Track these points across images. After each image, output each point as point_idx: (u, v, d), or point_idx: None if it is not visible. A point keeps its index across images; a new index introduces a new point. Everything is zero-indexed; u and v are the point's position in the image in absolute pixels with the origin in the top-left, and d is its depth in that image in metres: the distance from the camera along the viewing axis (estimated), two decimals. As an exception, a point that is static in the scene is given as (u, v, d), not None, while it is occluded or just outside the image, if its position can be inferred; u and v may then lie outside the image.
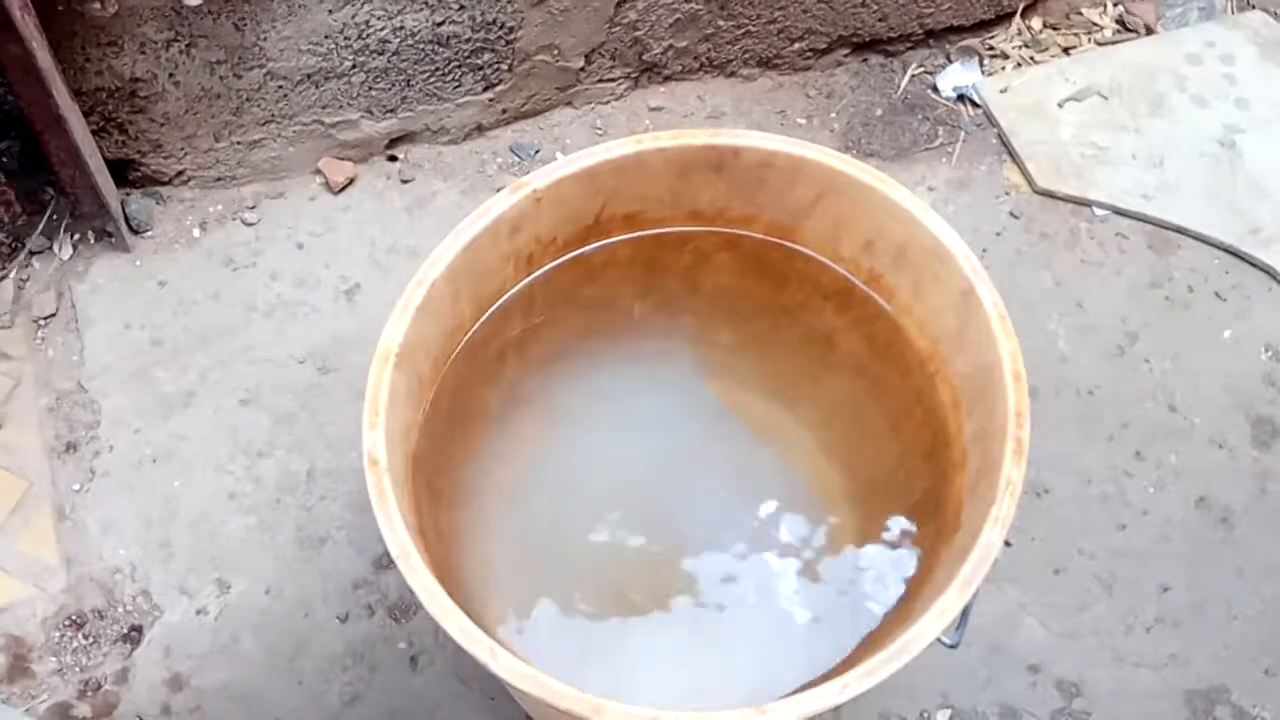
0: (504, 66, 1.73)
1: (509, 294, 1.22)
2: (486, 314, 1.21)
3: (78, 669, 1.42)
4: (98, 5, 1.45)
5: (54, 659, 1.42)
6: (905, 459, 1.19)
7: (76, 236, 1.70)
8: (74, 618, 1.45)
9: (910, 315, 1.19)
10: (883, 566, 1.12)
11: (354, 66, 1.64)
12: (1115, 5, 2.00)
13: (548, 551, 1.18)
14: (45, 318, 1.65)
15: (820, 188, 1.17)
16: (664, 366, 1.28)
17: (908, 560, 1.11)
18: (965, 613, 0.96)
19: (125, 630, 1.44)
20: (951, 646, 0.98)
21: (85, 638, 1.44)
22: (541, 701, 0.90)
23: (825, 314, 1.27)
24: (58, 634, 1.44)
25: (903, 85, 1.92)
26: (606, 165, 1.16)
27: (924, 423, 1.17)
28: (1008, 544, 1.23)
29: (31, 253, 1.68)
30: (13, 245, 1.68)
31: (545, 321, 1.25)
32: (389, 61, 1.66)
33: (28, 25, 1.37)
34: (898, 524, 1.15)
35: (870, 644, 1.05)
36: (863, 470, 1.20)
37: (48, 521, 1.50)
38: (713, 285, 1.30)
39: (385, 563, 1.48)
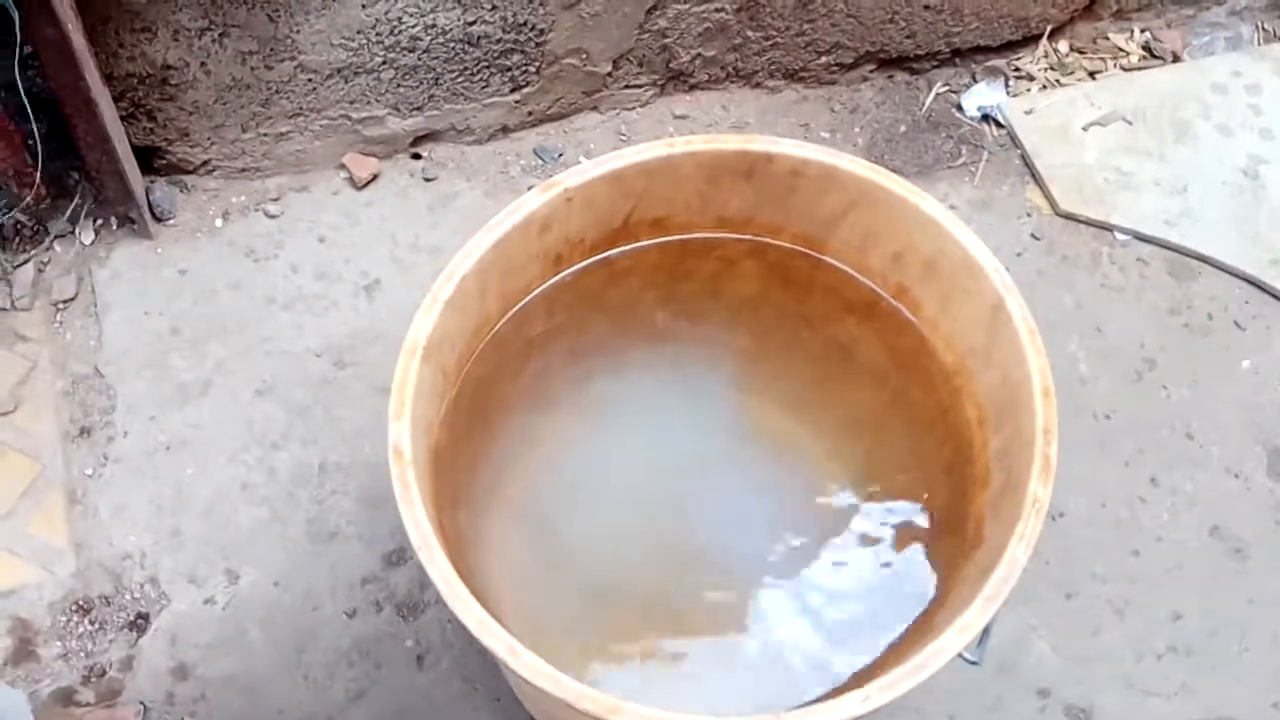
0: (532, 69, 1.74)
1: (535, 293, 1.22)
2: (512, 311, 1.20)
3: (83, 654, 1.41)
4: (133, -9, 1.46)
5: (59, 643, 1.42)
6: (926, 473, 1.18)
7: (99, 222, 1.70)
8: (81, 603, 1.44)
9: (937, 329, 1.19)
10: (902, 580, 1.12)
11: (384, 63, 1.65)
12: (1142, 32, 2.01)
13: (563, 553, 1.17)
14: (64, 301, 1.64)
15: (851, 198, 1.17)
16: (686, 372, 1.28)
17: (928, 575, 1.11)
18: (987, 630, 0.95)
19: (132, 617, 1.44)
20: (973, 663, 0.98)
21: (91, 623, 1.43)
22: (559, 701, 0.89)
23: (849, 325, 1.26)
24: (64, 619, 1.43)
25: (927, 103, 1.92)
26: (637, 167, 1.16)
27: (946, 438, 1.17)
28: (1021, 565, 1.24)
29: (54, 236, 1.68)
30: (35, 228, 1.68)
31: (569, 322, 1.25)
32: (419, 59, 1.66)
33: (64, 8, 1.38)
34: (917, 539, 1.14)
35: (890, 658, 1.04)
36: (882, 483, 1.20)
37: (59, 506, 1.50)
38: (737, 293, 1.30)
39: (395, 559, 1.48)
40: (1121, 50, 1.98)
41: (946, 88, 1.94)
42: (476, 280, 1.10)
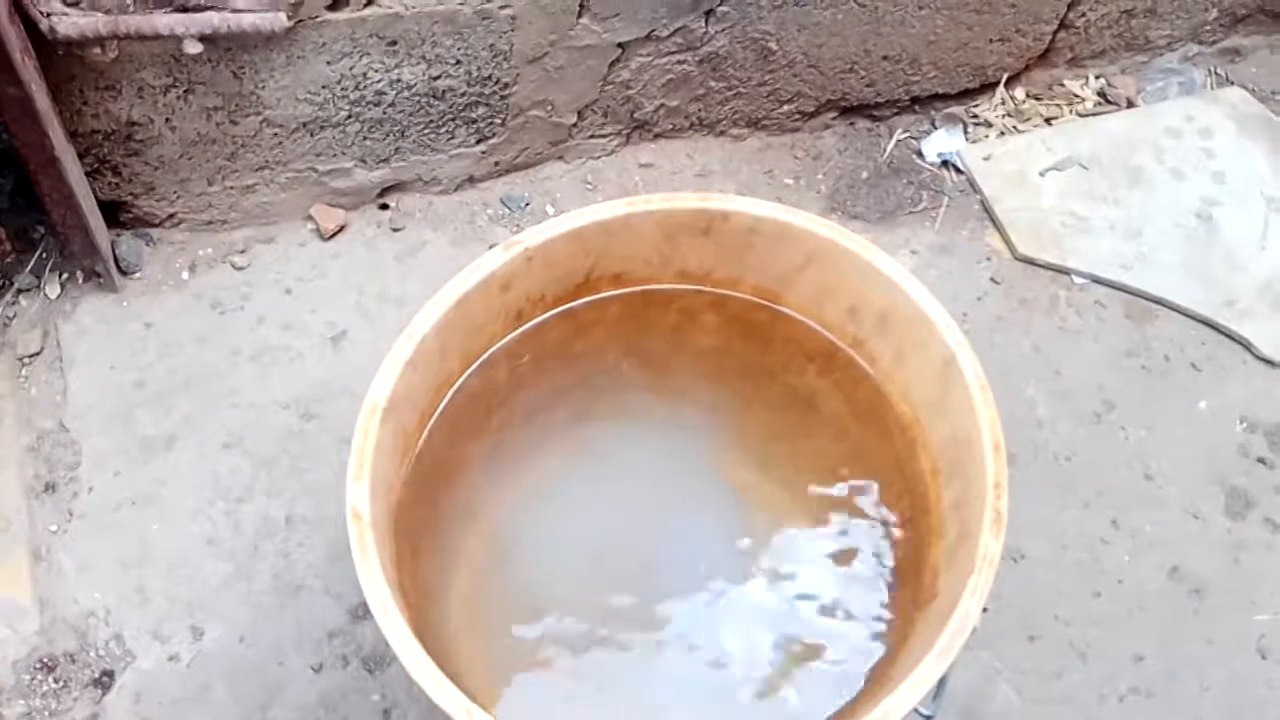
0: (497, 120, 1.76)
1: (496, 347, 1.23)
2: (473, 367, 1.21)
3: (47, 713, 1.40)
4: (98, 50, 1.47)
5: (23, 702, 1.40)
6: (886, 525, 1.19)
7: (65, 276, 1.70)
8: (45, 660, 1.43)
9: (892, 381, 1.21)
10: (858, 634, 1.13)
11: (350, 117, 1.67)
12: (1097, 78, 2.05)
13: (527, 603, 1.18)
14: (30, 356, 1.64)
15: (806, 253, 1.19)
16: (648, 424, 1.29)
17: (883, 628, 1.12)
18: (942, 682, 0.96)
19: (96, 675, 1.43)
20: (928, 717, 0.99)
21: (56, 681, 1.42)
22: (517, 763, 0.89)
23: (808, 376, 1.28)
24: (28, 677, 1.42)
25: (888, 149, 1.96)
26: (596, 226, 1.18)
27: (904, 490, 1.18)
28: (983, 610, 1.24)
29: (19, 290, 1.68)
30: (0, 283, 1.68)
31: (531, 376, 1.26)
32: (384, 113, 1.68)
33: (28, 68, 1.39)
34: (874, 590, 1.15)
35: (846, 713, 1.05)
36: (845, 534, 1.21)
37: (23, 562, 1.49)
38: (698, 345, 1.31)
39: (361, 613, 1.47)
40: (1077, 96, 2.03)
41: (907, 134, 1.98)
42: (437, 339, 1.11)
